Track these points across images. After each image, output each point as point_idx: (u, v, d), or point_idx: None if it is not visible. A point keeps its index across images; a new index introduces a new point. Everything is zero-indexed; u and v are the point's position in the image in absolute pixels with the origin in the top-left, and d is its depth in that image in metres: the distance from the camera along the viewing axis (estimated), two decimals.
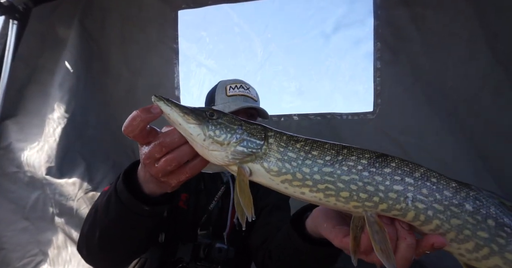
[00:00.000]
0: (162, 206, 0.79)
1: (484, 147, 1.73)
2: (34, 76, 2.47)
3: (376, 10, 1.91)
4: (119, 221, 0.80)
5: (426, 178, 0.59)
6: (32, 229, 2.39)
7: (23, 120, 2.44)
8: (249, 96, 1.44)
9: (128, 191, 0.75)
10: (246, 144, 0.62)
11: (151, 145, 0.64)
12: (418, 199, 0.58)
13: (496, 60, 1.67)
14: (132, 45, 2.40)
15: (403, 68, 1.88)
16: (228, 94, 1.43)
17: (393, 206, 0.58)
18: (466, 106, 1.76)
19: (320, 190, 0.60)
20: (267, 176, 0.62)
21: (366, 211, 0.59)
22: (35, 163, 2.35)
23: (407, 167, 0.60)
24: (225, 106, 1.39)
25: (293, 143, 0.63)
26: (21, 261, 2.33)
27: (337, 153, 0.61)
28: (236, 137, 0.62)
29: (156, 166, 0.65)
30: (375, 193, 0.58)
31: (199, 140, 0.61)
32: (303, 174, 0.60)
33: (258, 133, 0.64)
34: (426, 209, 0.57)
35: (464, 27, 1.73)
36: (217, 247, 1.21)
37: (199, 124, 0.62)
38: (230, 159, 0.62)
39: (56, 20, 2.44)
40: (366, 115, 1.97)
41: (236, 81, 1.49)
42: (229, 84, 1.47)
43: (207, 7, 2.21)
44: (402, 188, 0.58)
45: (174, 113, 0.62)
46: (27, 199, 2.39)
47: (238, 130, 0.63)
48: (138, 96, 2.43)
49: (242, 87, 1.45)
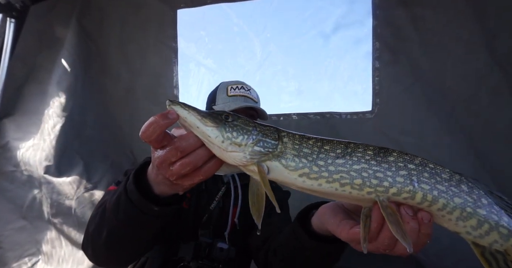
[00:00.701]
0: (171, 206, 0.80)
1: (483, 147, 1.73)
2: (31, 75, 2.46)
3: (375, 10, 1.91)
4: (128, 221, 0.81)
5: (424, 164, 0.66)
6: (29, 228, 2.38)
7: (20, 119, 2.43)
8: (249, 97, 1.47)
9: (138, 191, 0.77)
10: (262, 144, 0.65)
11: (166, 149, 0.65)
12: (422, 181, 0.64)
13: (494, 61, 1.67)
14: (131, 44, 2.39)
15: (402, 68, 1.88)
16: (229, 94, 1.46)
17: (402, 189, 0.64)
18: (464, 106, 1.77)
19: (335, 180, 0.65)
20: (285, 171, 0.65)
21: (378, 196, 0.64)
22: (33, 162, 2.35)
23: (407, 156, 0.67)
24: (225, 105, 1.41)
25: (306, 140, 0.68)
26: (18, 260, 2.32)
27: (346, 147, 0.67)
28: (253, 138, 0.65)
29: (171, 169, 0.66)
30: (385, 178, 0.64)
31: (218, 142, 0.63)
32: (319, 166, 0.65)
33: (272, 134, 0.67)
34: (431, 190, 0.64)
35: (463, 27, 1.73)
36: (218, 246, 1.22)
37: (217, 127, 0.64)
38: (248, 159, 0.65)
39: (53, 19, 2.43)
40: (365, 114, 1.97)
41: (237, 82, 1.53)
42: (231, 85, 1.50)
43: (206, 7, 2.21)
44: (406, 173, 0.65)
45: (192, 116, 0.64)
46: (24, 198, 2.39)
47: (253, 132, 0.66)
48: (137, 95, 2.43)
49: (243, 88, 1.49)
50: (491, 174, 1.72)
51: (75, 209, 2.30)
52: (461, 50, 1.75)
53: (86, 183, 2.33)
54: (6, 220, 2.36)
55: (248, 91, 1.49)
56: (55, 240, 2.33)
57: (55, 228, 2.33)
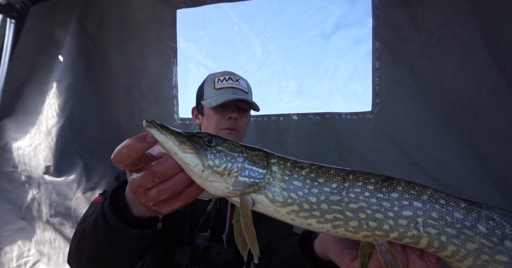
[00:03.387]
0: (152, 228, 0.73)
1: (482, 147, 1.73)
2: (31, 75, 2.46)
3: (375, 10, 1.91)
4: (108, 243, 0.75)
5: (434, 201, 0.56)
6: (29, 229, 2.38)
7: (20, 119, 2.43)
8: (238, 88, 1.39)
9: (114, 214, 0.70)
10: (248, 173, 0.58)
11: (142, 173, 0.59)
12: (429, 224, 0.55)
13: (494, 61, 1.67)
14: (131, 44, 2.39)
15: (402, 68, 1.88)
16: (216, 87, 1.38)
17: (405, 234, 0.55)
18: (464, 107, 1.76)
19: (328, 220, 0.57)
20: (272, 207, 0.58)
21: (376, 240, 0.57)
22: (32, 162, 2.35)
23: (414, 190, 0.57)
24: (212, 99, 1.35)
25: (298, 171, 0.59)
26: (17, 261, 2.32)
27: (343, 180, 0.58)
28: (237, 166, 0.58)
29: (148, 194, 0.60)
30: (385, 221, 0.55)
31: (197, 170, 0.57)
32: (310, 204, 0.57)
33: (260, 161, 0.59)
34: (439, 234, 0.55)
35: (462, 27, 1.73)
36: (216, 250, 1.18)
37: (197, 154, 0.57)
38: (231, 191, 0.58)
39: (53, 19, 2.43)
40: (365, 114, 1.97)
41: (225, 73, 1.44)
42: (218, 77, 1.42)
43: (205, 6, 2.21)
44: (411, 214, 0.55)
45: (169, 141, 0.56)
46: (23, 199, 2.39)
47: (238, 158, 0.58)
48: (137, 95, 2.42)
49: (231, 79, 1.40)
50: (491, 175, 1.71)
51: (75, 209, 2.30)
52: (461, 50, 1.74)
53: (85, 184, 2.33)
54: (5, 221, 2.36)
55: (237, 82, 1.40)
56: (54, 240, 2.33)
57: (54, 229, 2.33)
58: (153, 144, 0.58)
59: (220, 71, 1.46)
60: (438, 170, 1.82)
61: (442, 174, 1.81)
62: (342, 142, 2.02)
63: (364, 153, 1.97)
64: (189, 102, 2.32)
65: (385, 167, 1.92)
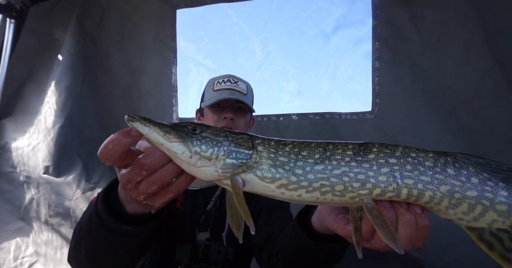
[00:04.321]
0: (146, 224, 0.74)
1: (483, 146, 1.73)
2: (31, 75, 2.46)
3: (375, 10, 1.91)
4: (104, 241, 0.76)
5: (406, 155, 0.62)
6: (27, 229, 2.37)
7: (20, 119, 2.43)
8: (236, 90, 1.41)
9: (108, 211, 0.71)
10: (235, 155, 0.60)
11: (130, 167, 0.60)
12: (405, 176, 0.60)
13: (495, 60, 1.67)
14: (130, 44, 2.39)
15: (402, 67, 1.88)
16: (215, 89, 1.42)
17: (386, 189, 0.60)
18: (465, 106, 1.76)
19: (316, 189, 0.60)
20: (262, 184, 0.61)
21: (362, 199, 0.60)
22: (32, 162, 2.34)
23: (387, 149, 0.63)
24: (210, 101, 1.39)
25: (282, 147, 0.63)
26: (15, 261, 2.31)
27: (324, 150, 0.62)
28: (224, 150, 0.60)
29: (138, 189, 0.61)
30: (367, 180, 0.60)
31: (185, 158, 0.58)
32: (297, 176, 0.61)
33: (245, 143, 0.62)
34: (416, 183, 0.60)
35: (463, 27, 1.73)
36: (216, 248, 1.18)
37: (182, 142, 0.58)
38: (220, 174, 0.60)
39: (53, 19, 2.43)
40: (365, 114, 1.97)
41: (225, 76, 1.48)
42: (217, 79, 1.46)
43: (205, 6, 2.21)
44: (388, 170, 0.61)
45: (154, 133, 0.58)
46: (22, 199, 2.38)
47: (224, 142, 0.61)
48: (136, 95, 2.42)
49: (229, 81, 1.44)
50: None
51: (74, 209, 2.29)
52: (461, 49, 1.74)
53: (85, 184, 2.32)
54: (4, 221, 2.35)
55: (235, 84, 1.43)
56: (53, 241, 2.32)
57: (52, 229, 2.32)
58: (138, 138, 0.59)
59: (222, 75, 1.50)
60: None
61: None
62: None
63: None
64: (188, 102, 2.32)
65: None
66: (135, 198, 0.63)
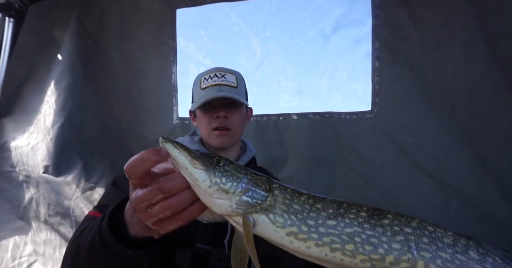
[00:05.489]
0: (149, 248, 0.73)
1: (482, 146, 1.73)
2: (30, 75, 2.45)
3: (375, 10, 1.91)
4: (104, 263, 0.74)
5: (423, 227, 0.60)
6: (27, 229, 2.37)
7: (19, 118, 2.42)
8: (224, 84, 1.30)
9: (112, 234, 0.70)
10: (251, 194, 0.61)
11: (148, 188, 0.60)
12: (421, 248, 0.58)
13: (494, 60, 1.67)
14: (130, 43, 2.39)
15: (402, 67, 1.88)
16: (202, 87, 1.31)
17: (400, 258, 0.58)
18: (464, 106, 1.76)
19: (326, 243, 0.60)
20: (272, 228, 0.61)
21: (374, 265, 0.58)
22: (31, 161, 2.34)
23: (403, 218, 0.61)
24: (198, 101, 1.28)
25: (298, 196, 0.63)
26: (14, 261, 2.31)
27: (339, 207, 0.62)
28: (242, 186, 0.61)
29: (149, 212, 0.60)
30: (380, 245, 0.58)
31: (205, 186, 0.59)
32: (309, 226, 0.61)
33: (263, 184, 0.63)
34: (434, 258, 0.57)
35: (462, 26, 1.73)
36: (217, 255, 1.15)
37: (206, 170, 0.59)
38: (234, 209, 0.60)
39: (53, 18, 2.43)
40: (364, 114, 1.97)
41: (211, 70, 1.36)
42: (204, 76, 1.34)
43: (205, 6, 2.21)
44: (403, 238, 0.59)
45: (182, 156, 0.59)
46: (22, 199, 2.38)
47: (243, 179, 0.62)
48: (136, 94, 2.42)
49: (216, 76, 1.31)
50: (490, 174, 1.71)
51: (73, 209, 2.29)
52: (461, 49, 1.75)
53: (84, 183, 2.32)
54: (3, 221, 2.35)
55: (223, 78, 1.31)
56: (52, 240, 2.31)
57: (52, 229, 2.31)
58: (165, 158, 0.60)
59: (208, 69, 1.39)
60: (437, 169, 1.82)
61: (442, 173, 1.81)
62: (341, 141, 2.02)
63: (364, 152, 1.97)
64: (188, 102, 2.29)
65: (384, 166, 1.93)
66: (143, 221, 0.62)
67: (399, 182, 1.89)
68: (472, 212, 1.74)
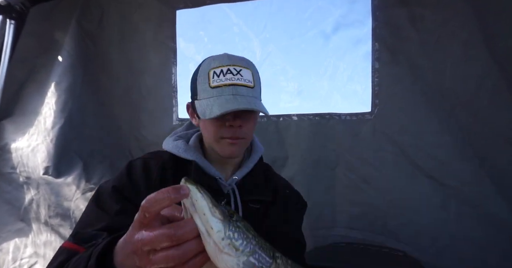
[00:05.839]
0: None
1: (482, 147, 1.73)
2: (31, 76, 2.46)
3: (375, 11, 1.92)
4: None
5: None
6: (27, 230, 2.37)
7: (19, 120, 2.43)
8: (240, 85, 1.02)
9: None
10: (258, 257, 0.58)
11: (155, 232, 0.53)
12: None
13: (494, 60, 1.67)
14: (130, 44, 2.40)
15: (401, 68, 1.88)
16: (212, 85, 1.02)
17: None
18: (464, 106, 1.76)
19: None
20: None
21: None
22: (31, 163, 2.34)
23: None
24: (207, 105, 1.00)
25: None
26: (15, 263, 2.31)
27: None
28: (250, 247, 0.58)
29: (150, 258, 0.54)
30: None
31: (217, 238, 0.55)
32: None
33: (268, 250, 0.61)
34: None
35: (462, 27, 1.73)
36: None
37: (222, 221, 0.56)
38: None
39: (53, 20, 2.43)
40: (364, 115, 1.97)
41: (222, 60, 1.06)
42: (214, 68, 1.04)
43: (205, 7, 2.22)
44: None
45: (204, 201, 0.55)
46: (22, 200, 2.38)
47: (252, 241, 0.59)
48: (136, 95, 2.43)
49: (230, 72, 1.03)
50: (490, 174, 1.71)
51: (74, 210, 2.29)
52: (460, 50, 1.75)
53: (85, 184, 2.32)
54: (3, 222, 2.35)
55: (238, 76, 1.03)
56: (52, 242, 2.32)
57: (52, 230, 2.32)
58: (183, 197, 0.55)
59: (217, 56, 1.10)
60: (437, 169, 1.82)
61: (441, 174, 1.81)
62: (341, 142, 2.02)
63: (364, 153, 1.97)
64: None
65: (384, 167, 1.93)
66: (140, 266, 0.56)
67: (399, 182, 1.89)
68: (472, 212, 1.73)
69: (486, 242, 1.70)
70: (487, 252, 1.70)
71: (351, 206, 1.99)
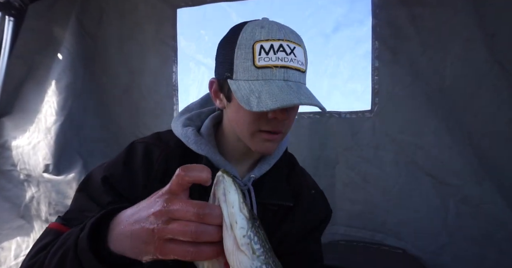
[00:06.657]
0: None
1: (482, 146, 1.74)
2: (30, 74, 2.45)
3: (375, 10, 1.92)
4: None
5: None
6: (27, 228, 2.38)
7: (19, 118, 2.42)
8: (292, 68, 0.78)
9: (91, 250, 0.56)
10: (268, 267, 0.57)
11: (183, 203, 0.51)
12: None
13: (494, 59, 1.68)
14: (130, 43, 2.39)
15: (401, 67, 1.89)
16: (258, 65, 0.77)
17: None
18: (464, 105, 1.77)
19: None
20: None
21: None
22: (32, 161, 2.34)
23: None
24: (252, 91, 0.76)
25: None
26: (16, 259, 2.31)
27: None
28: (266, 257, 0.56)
29: (167, 226, 0.50)
30: None
31: (239, 233, 0.53)
32: None
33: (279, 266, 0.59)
34: None
35: (462, 26, 1.74)
36: None
37: (247, 220, 0.54)
38: None
39: (53, 17, 2.42)
40: (364, 113, 1.98)
41: (271, 32, 0.78)
42: (261, 41, 0.77)
43: (206, 5, 2.21)
44: None
45: (236, 195, 0.54)
46: (22, 198, 2.38)
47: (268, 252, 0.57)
48: (136, 94, 2.42)
49: (282, 50, 0.77)
50: (490, 174, 1.72)
51: None
52: (460, 48, 1.75)
53: None
54: (4, 220, 2.35)
55: (292, 55, 0.78)
56: None
57: None
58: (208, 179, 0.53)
59: (263, 22, 0.82)
60: (437, 168, 1.83)
61: (441, 173, 1.82)
62: (341, 140, 2.03)
63: (364, 151, 1.98)
64: (189, 101, 2.30)
65: (384, 166, 1.93)
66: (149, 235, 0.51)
67: (398, 181, 1.90)
68: (471, 212, 1.75)
69: (485, 241, 1.71)
70: (486, 250, 1.71)
71: (351, 204, 2.00)
